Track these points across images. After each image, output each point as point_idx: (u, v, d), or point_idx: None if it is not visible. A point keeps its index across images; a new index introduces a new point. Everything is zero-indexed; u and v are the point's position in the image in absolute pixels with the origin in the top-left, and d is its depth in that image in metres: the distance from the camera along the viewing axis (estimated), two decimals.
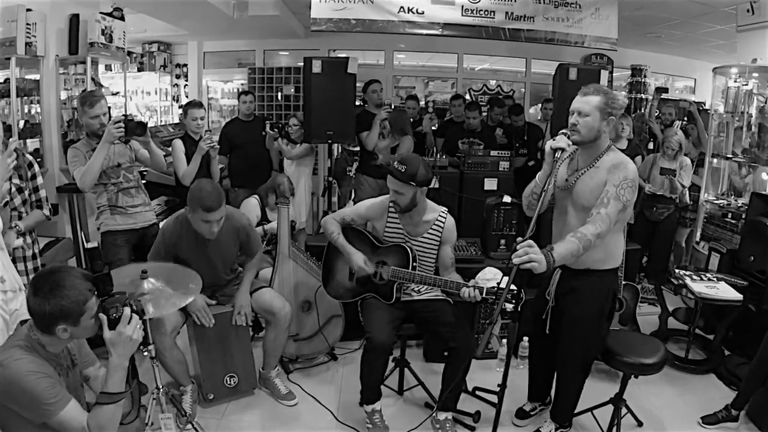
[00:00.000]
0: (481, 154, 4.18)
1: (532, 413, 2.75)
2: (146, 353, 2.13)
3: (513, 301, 2.08)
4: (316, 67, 3.98)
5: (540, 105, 6.23)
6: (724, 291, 3.17)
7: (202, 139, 3.45)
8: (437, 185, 3.83)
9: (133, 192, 3.10)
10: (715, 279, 3.32)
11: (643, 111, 6.70)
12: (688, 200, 4.49)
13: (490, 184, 4.09)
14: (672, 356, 3.27)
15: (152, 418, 2.24)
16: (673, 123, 5.32)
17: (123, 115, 2.92)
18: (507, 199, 3.51)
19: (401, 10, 4.70)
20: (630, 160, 2.21)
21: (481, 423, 2.69)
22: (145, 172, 3.92)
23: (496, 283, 2.31)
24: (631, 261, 3.33)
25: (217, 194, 2.47)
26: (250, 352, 2.90)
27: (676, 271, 3.46)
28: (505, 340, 3.28)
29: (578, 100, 2.17)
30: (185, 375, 2.72)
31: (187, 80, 7.75)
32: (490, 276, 3.13)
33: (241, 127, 4.73)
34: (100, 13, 4.23)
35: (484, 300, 2.33)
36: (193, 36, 7.17)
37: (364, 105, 4.61)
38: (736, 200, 4.55)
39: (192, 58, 7.66)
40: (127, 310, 1.63)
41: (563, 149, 2.06)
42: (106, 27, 4.25)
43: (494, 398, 2.14)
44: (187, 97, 7.55)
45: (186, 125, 3.71)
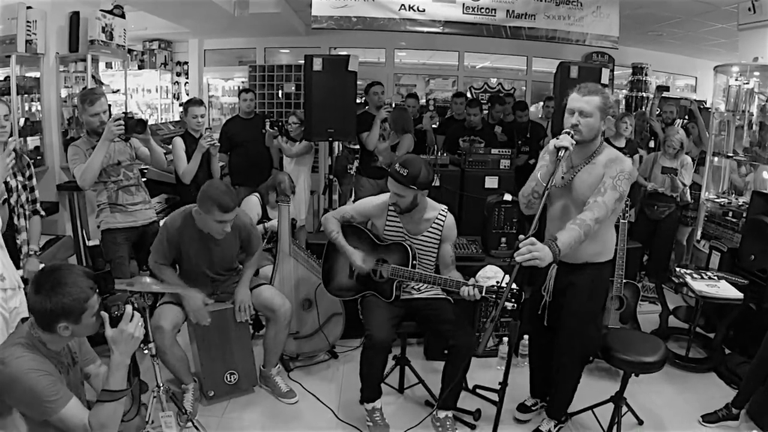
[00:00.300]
0: (482, 152, 4.18)
1: (533, 408, 2.76)
2: (147, 351, 2.14)
3: (513, 299, 2.08)
4: (317, 64, 3.98)
5: (542, 103, 6.22)
6: (725, 290, 3.17)
7: (202, 137, 3.46)
8: (438, 183, 3.83)
9: (133, 190, 3.09)
10: (715, 278, 3.32)
11: (644, 109, 6.68)
12: (689, 199, 4.49)
13: (491, 182, 4.10)
14: (672, 355, 3.28)
15: (153, 416, 2.25)
16: (674, 121, 5.33)
17: (123, 113, 2.92)
18: (508, 197, 3.51)
19: (402, 7, 4.70)
20: (625, 156, 2.25)
21: (482, 421, 2.69)
22: (146, 170, 3.92)
23: (496, 281, 2.31)
24: (631, 259, 3.33)
25: (232, 194, 2.54)
26: (251, 349, 2.90)
27: (677, 269, 3.46)
28: (505, 339, 3.28)
29: (579, 99, 2.16)
30: (186, 372, 2.72)
31: (187, 78, 7.74)
32: (491, 274, 3.14)
33: (242, 125, 4.72)
34: (101, 10, 4.23)
35: (484, 299, 2.33)
36: (194, 34, 7.15)
37: (365, 106, 4.61)
38: (736, 199, 4.55)
39: (193, 56, 7.65)
40: (129, 307, 1.63)
41: (567, 148, 2.06)
42: (106, 24, 4.25)
43: (495, 396, 2.14)
44: (187, 94, 7.54)
45: (186, 123, 3.71)
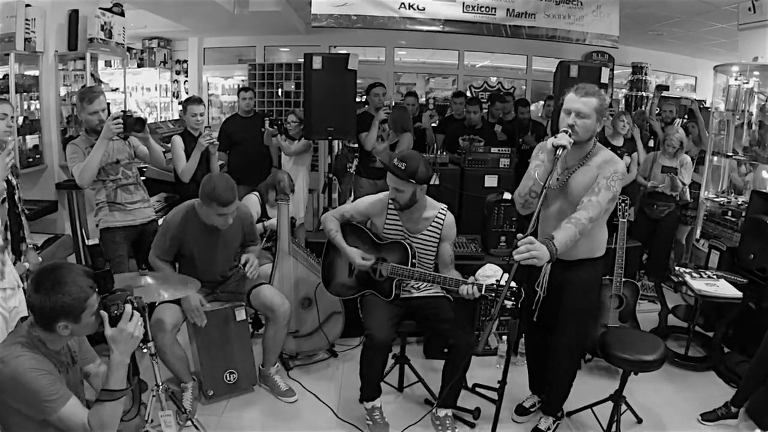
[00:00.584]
0: (481, 151, 4.18)
1: (531, 410, 2.76)
2: (146, 350, 2.13)
3: (512, 298, 2.08)
4: (317, 63, 3.98)
5: (543, 102, 6.22)
6: (724, 289, 3.17)
7: (201, 136, 3.45)
8: (437, 182, 3.83)
9: (132, 188, 3.08)
10: (715, 277, 3.32)
11: (643, 109, 6.68)
12: (689, 198, 4.49)
13: (491, 181, 4.09)
14: (672, 353, 3.28)
15: (152, 415, 2.24)
16: (674, 121, 5.32)
17: (122, 112, 2.91)
18: (507, 196, 3.50)
19: (402, 6, 4.69)
20: (618, 157, 2.28)
21: (481, 420, 2.69)
22: (145, 169, 3.92)
23: (496, 280, 2.31)
24: (631, 258, 3.33)
25: (230, 187, 2.56)
26: (250, 348, 2.90)
27: (676, 268, 3.46)
28: (504, 337, 3.28)
29: (577, 100, 2.16)
30: (186, 371, 2.72)
31: (187, 76, 7.73)
32: (490, 273, 3.13)
33: (241, 123, 4.72)
34: (100, 8, 4.22)
35: (483, 297, 2.34)
36: (194, 32, 7.14)
37: (365, 105, 4.60)
38: (736, 198, 4.55)
39: (192, 54, 7.63)
40: (129, 307, 1.62)
41: (565, 147, 2.06)
42: (105, 23, 4.24)
43: (494, 395, 2.15)
44: (187, 93, 7.52)
45: (185, 121, 3.71)
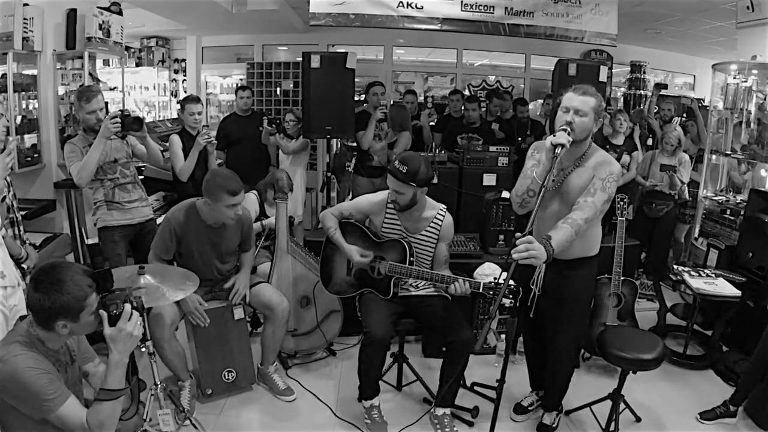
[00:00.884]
0: (479, 149, 4.17)
1: (530, 408, 2.76)
2: (144, 349, 2.13)
3: (511, 296, 2.08)
4: (315, 62, 3.97)
5: (542, 101, 6.22)
6: (723, 287, 3.17)
7: (199, 134, 3.45)
8: (436, 181, 3.82)
9: (130, 187, 3.08)
10: (713, 275, 3.32)
11: (642, 107, 6.69)
12: (687, 196, 4.50)
13: (489, 180, 4.09)
14: (670, 352, 3.29)
15: (151, 414, 2.24)
16: (672, 119, 5.32)
17: (120, 110, 2.91)
18: (506, 194, 3.50)
19: (400, 4, 4.68)
20: (613, 159, 2.28)
21: (480, 418, 2.69)
22: (143, 168, 3.91)
23: (494, 278, 2.32)
24: (629, 257, 3.33)
25: (235, 177, 2.61)
26: (249, 347, 2.90)
27: (675, 267, 3.46)
28: (503, 336, 3.29)
29: (575, 98, 2.17)
30: (184, 369, 2.72)
31: (185, 75, 7.71)
32: (489, 271, 3.13)
33: (239, 122, 4.71)
34: (98, 7, 4.20)
35: (481, 295, 2.34)
36: (192, 31, 7.12)
37: (363, 104, 4.60)
38: (734, 197, 4.55)
39: (190, 53, 7.61)
40: (128, 306, 1.62)
41: (563, 145, 2.06)
42: (103, 22, 4.23)
43: (493, 393, 2.15)
44: (185, 92, 7.50)
45: (183, 120, 3.70)
